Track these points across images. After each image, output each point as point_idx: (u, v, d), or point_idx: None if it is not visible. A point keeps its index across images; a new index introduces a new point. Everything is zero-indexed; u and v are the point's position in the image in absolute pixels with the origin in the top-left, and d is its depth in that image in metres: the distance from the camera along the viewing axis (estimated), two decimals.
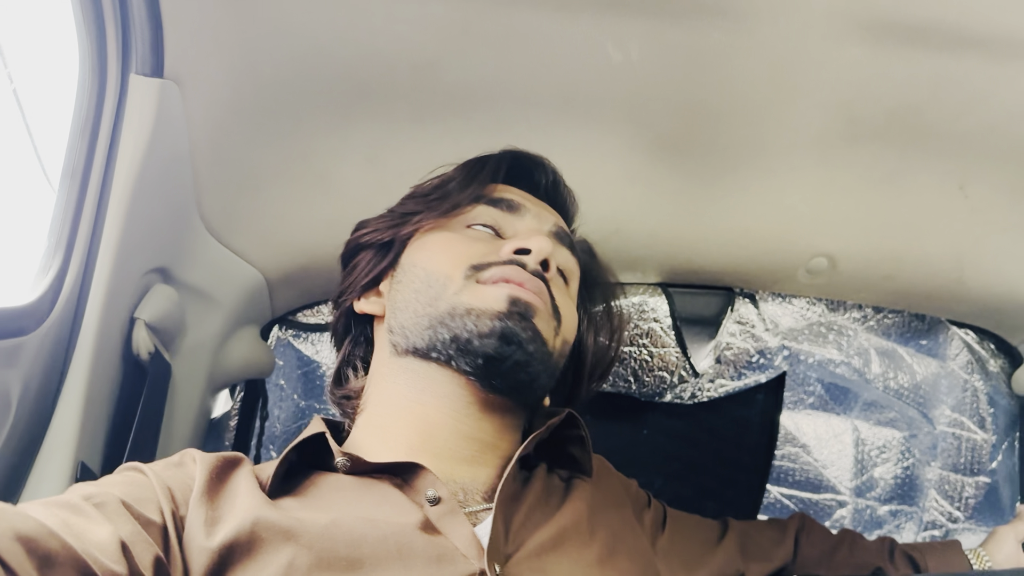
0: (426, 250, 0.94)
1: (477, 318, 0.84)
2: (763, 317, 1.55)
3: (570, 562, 0.79)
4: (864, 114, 1.16)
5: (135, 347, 1.04)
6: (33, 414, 0.91)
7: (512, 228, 0.98)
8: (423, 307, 0.88)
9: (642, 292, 1.52)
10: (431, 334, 0.86)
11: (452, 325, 0.85)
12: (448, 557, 0.73)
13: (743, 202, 1.32)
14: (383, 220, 1.01)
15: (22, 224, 1.07)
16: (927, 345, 1.60)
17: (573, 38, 1.07)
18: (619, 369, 1.54)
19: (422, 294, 0.89)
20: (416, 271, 0.92)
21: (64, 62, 0.96)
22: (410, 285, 0.92)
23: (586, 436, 0.93)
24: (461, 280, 0.88)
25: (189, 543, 0.71)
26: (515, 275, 0.88)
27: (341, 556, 0.71)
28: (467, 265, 0.89)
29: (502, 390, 0.87)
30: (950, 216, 1.32)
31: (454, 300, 0.87)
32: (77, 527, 0.64)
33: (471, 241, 0.94)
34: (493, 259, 0.90)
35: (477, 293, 0.87)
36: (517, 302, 0.86)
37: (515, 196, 1.01)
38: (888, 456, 1.63)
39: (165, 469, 0.77)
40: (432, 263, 0.91)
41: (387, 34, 1.06)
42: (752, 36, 1.05)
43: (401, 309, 0.91)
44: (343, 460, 0.82)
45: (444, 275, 0.89)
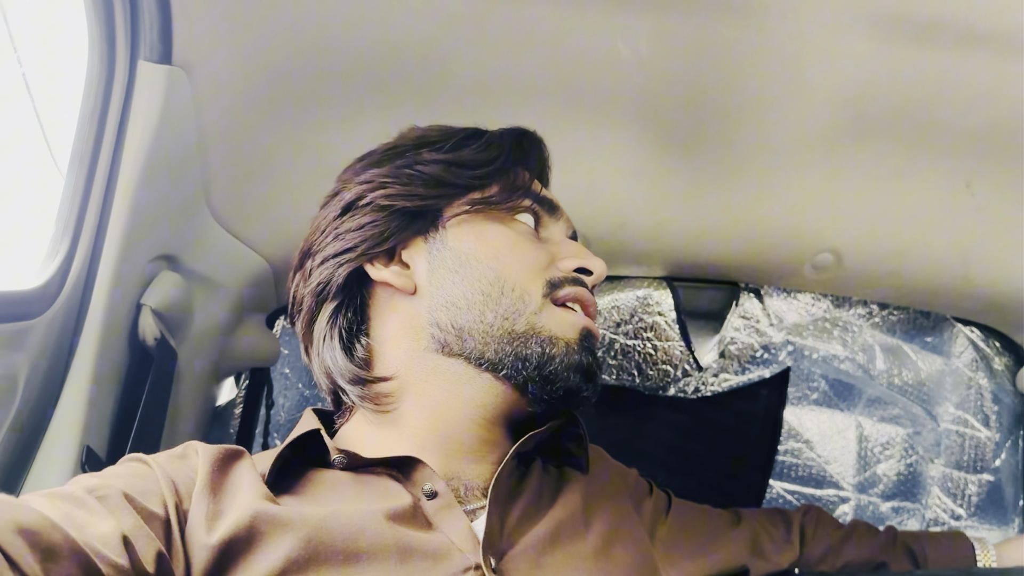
0: (491, 241, 0.87)
1: (564, 350, 0.83)
2: (768, 312, 1.55)
3: (566, 555, 0.79)
4: (871, 110, 1.16)
5: (141, 333, 1.05)
6: (39, 398, 0.92)
7: (547, 229, 0.95)
8: (497, 318, 0.83)
9: (647, 286, 1.52)
10: (508, 350, 0.83)
11: (535, 350, 0.82)
12: (444, 551, 0.73)
13: (749, 197, 1.32)
14: (404, 182, 0.88)
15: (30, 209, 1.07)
16: (932, 342, 1.60)
17: (582, 32, 1.07)
18: (623, 362, 1.54)
19: (495, 302, 0.84)
20: (481, 268, 0.85)
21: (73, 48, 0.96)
22: (474, 284, 0.85)
23: (584, 435, 0.92)
24: (540, 298, 0.85)
25: (191, 537, 0.71)
26: (584, 297, 0.88)
27: (339, 549, 0.71)
28: (544, 280, 0.86)
29: (552, 407, 0.86)
30: (956, 213, 1.32)
31: (535, 321, 0.83)
32: (79, 520, 0.64)
33: (534, 244, 0.90)
34: (561, 275, 0.88)
35: (556, 318, 0.85)
36: (589, 336, 0.86)
37: (550, 195, 0.97)
38: (891, 453, 1.63)
39: (169, 461, 0.76)
40: (504, 266, 0.85)
41: (397, 26, 1.06)
42: (761, 32, 1.05)
43: (462, 308, 0.84)
44: (340, 457, 0.81)
45: (521, 287, 0.84)
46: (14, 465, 0.89)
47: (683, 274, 1.52)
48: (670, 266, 1.50)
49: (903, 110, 1.15)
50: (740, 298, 1.54)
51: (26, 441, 0.91)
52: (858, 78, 1.11)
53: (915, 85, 1.11)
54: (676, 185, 1.31)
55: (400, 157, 0.91)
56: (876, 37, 1.04)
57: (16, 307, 0.86)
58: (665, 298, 1.52)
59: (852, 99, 1.14)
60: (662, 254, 1.46)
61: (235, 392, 1.48)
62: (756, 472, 1.63)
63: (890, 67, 1.09)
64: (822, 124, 1.18)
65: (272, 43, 1.07)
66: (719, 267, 1.49)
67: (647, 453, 1.61)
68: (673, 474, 1.59)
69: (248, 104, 1.12)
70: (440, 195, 0.89)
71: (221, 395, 1.45)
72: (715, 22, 1.04)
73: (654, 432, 1.62)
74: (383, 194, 0.88)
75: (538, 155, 0.99)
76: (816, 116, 1.17)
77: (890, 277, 1.47)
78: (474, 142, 0.92)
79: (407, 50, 1.09)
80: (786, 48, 1.07)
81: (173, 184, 1.07)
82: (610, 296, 1.53)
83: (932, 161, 1.24)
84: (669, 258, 1.47)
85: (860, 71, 1.10)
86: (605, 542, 0.83)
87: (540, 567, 0.77)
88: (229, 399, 1.47)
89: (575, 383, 0.83)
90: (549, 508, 0.84)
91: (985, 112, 1.14)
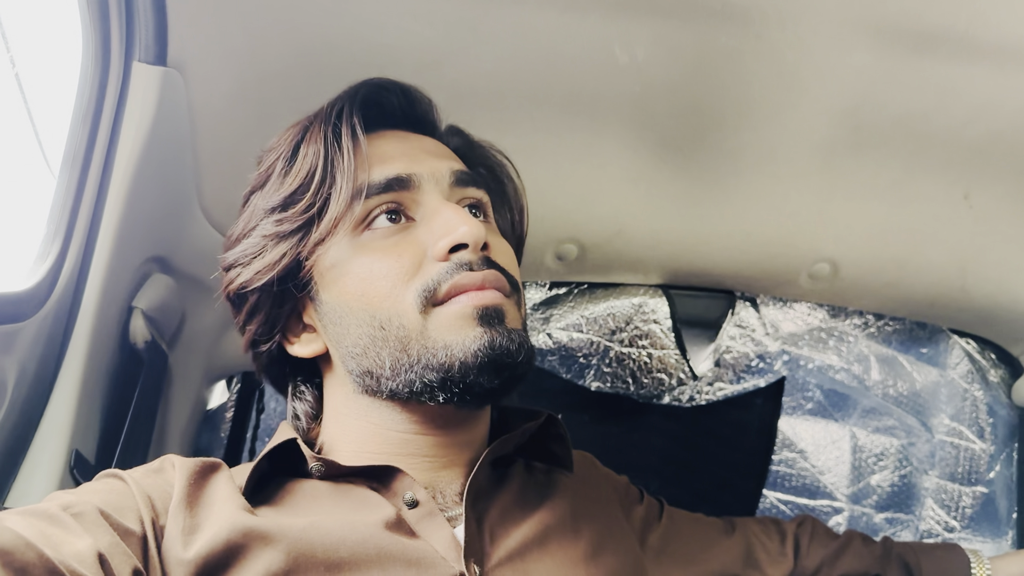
0: (352, 283, 0.81)
1: (463, 352, 0.76)
2: (764, 321, 1.54)
3: (554, 561, 0.78)
4: (870, 121, 1.16)
5: (132, 336, 1.04)
6: (28, 401, 0.91)
7: (415, 204, 0.84)
8: (392, 353, 0.79)
9: (643, 293, 1.52)
10: (413, 379, 0.78)
11: (435, 367, 0.77)
12: (428, 560, 0.73)
13: (747, 206, 1.32)
14: (263, 250, 0.83)
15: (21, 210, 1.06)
16: (928, 353, 1.60)
17: (580, 38, 1.06)
18: (618, 370, 1.54)
19: (383, 340, 0.79)
20: (357, 312, 0.81)
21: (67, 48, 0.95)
22: (359, 329, 0.81)
23: (565, 435, 0.90)
24: (417, 315, 0.78)
25: (167, 553, 0.70)
26: (467, 283, 0.78)
27: (319, 560, 0.70)
28: (414, 294, 0.79)
29: (498, 403, 0.85)
30: (954, 225, 1.32)
31: (424, 340, 0.77)
32: (55, 538, 0.62)
33: (391, 252, 0.81)
34: (434, 272, 0.79)
35: (444, 323, 0.78)
36: (487, 313, 0.78)
37: (394, 163, 0.84)
38: (886, 464, 1.62)
39: (145, 476, 0.75)
40: (372, 301, 0.80)
41: (393, 29, 1.06)
42: (759, 40, 1.04)
43: (361, 355, 0.81)
44: (317, 465, 0.79)
45: (396, 314, 0.79)
46: (2, 469, 0.89)
47: (679, 282, 1.52)
48: (666, 274, 1.49)
49: (902, 121, 1.15)
50: (736, 307, 1.53)
51: (14, 445, 0.90)
52: (857, 88, 1.11)
53: (914, 96, 1.11)
54: (673, 193, 1.31)
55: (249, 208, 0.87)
56: (875, 48, 1.04)
57: (5, 308, 0.86)
58: (661, 306, 1.52)
59: (851, 109, 1.14)
60: (658, 262, 1.46)
61: (226, 396, 1.47)
62: (750, 482, 1.63)
63: (889, 78, 1.09)
64: (820, 134, 1.18)
65: (267, 45, 1.06)
66: (715, 276, 1.49)
67: (641, 461, 1.61)
68: (666, 483, 1.59)
69: (242, 106, 1.11)
70: (288, 251, 0.83)
71: (212, 399, 1.44)
72: (714, 30, 1.04)
73: (648, 440, 1.62)
74: (245, 278, 0.84)
75: (377, 110, 0.89)
76: (814, 126, 1.17)
77: (887, 288, 1.47)
78: (295, 159, 0.84)
79: (402, 53, 1.09)
80: (785, 57, 1.07)
81: (166, 186, 1.06)
82: (606, 303, 1.52)
83: (930, 172, 1.24)
84: (665, 266, 1.47)
85: (859, 81, 1.10)
86: (595, 548, 0.82)
87: (528, 573, 0.76)
88: (220, 403, 1.46)
89: (490, 382, 0.77)
90: (534, 511, 0.82)
91: (984, 124, 1.14)
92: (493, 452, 0.83)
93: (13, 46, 0.99)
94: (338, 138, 0.83)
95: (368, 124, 0.86)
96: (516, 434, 0.86)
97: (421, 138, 0.91)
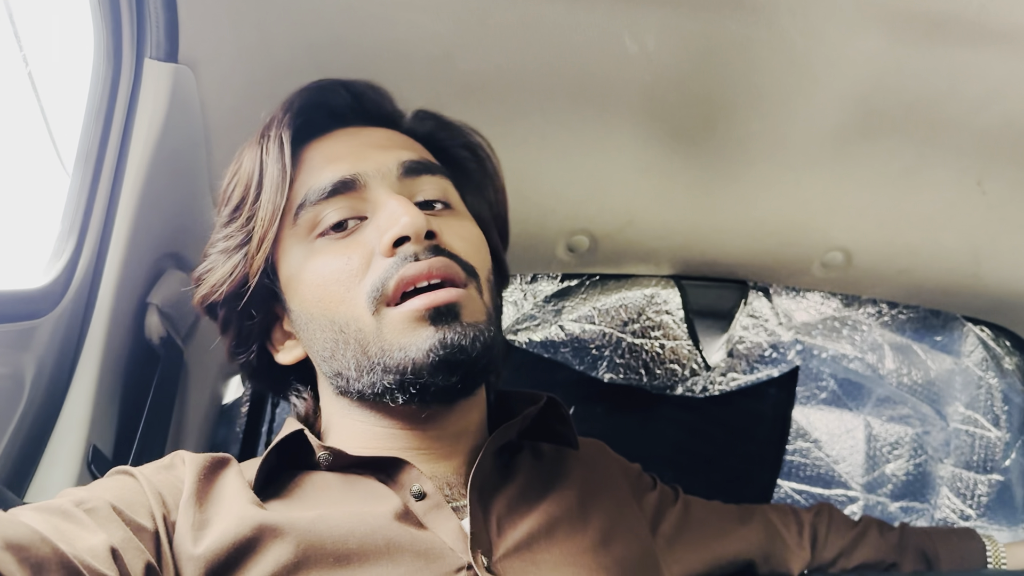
0: (308, 290, 0.82)
1: (417, 353, 0.76)
2: (777, 311, 1.54)
3: (562, 550, 0.78)
4: (882, 108, 1.15)
5: (147, 332, 1.05)
6: (46, 397, 0.92)
7: (364, 202, 0.83)
8: (357, 354, 0.80)
9: (655, 284, 1.52)
10: (372, 379, 0.79)
11: (392, 368, 0.77)
12: (436, 551, 0.73)
13: (758, 195, 1.31)
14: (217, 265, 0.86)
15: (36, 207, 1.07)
16: (942, 341, 1.59)
17: (589, 29, 1.06)
18: (631, 361, 1.54)
19: (344, 343, 0.80)
20: (318, 319, 0.82)
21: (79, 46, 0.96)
22: (324, 334, 0.82)
23: (567, 414, 0.90)
24: (370, 317, 0.78)
25: (179, 548, 0.70)
26: (415, 272, 0.78)
27: (328, 552, 0.70)
28: (365, 295, 0.79)
29: (463, 398, 0.83)
30: (967, 211, 1.31)
31: (380, 342, 0.78)
32: (68, 533, 0.63)
33: (341, 254, 0.81)
34: (381, 270, 0.79)
35: (397, 325, 0.78)
36: (439, 311, 0.77)
37: (338, 165, 0.84)
38: (900, 452, 1.62)
39: (155, 473, 0.76)
40: (327, 307, 0.81)
41: (403, 23, 1.06)
42: (770, 28, 1.04)
43: (329, 358, 0.82)
44: (325, 455, 0.79)
45: (352, 318, 0.79)
46: (21, 464, 0.89)
47: (691, 272, 1.52)
48: (678, 264, 1.49)
49: (914, 107, 1.15)
50: (749, 297, 1.53)
51: (33, 440, 0.91)
52: (868, 75, 1.10)
53: (926, 82, 1.11)
54: (684, 183, 1.30)
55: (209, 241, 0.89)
56: (887, 34, 1.04)
57: (22, 306, 0.86)
58: (673, 297, 1.52)
59: (862, 96, 1.14)
60: (670, 252, 1.46)
61: (241, 390, 1.48)
62: (764, 472, 1.62)
63: (900, 64, 1.08)
64: (832, 122, 1.18)
65: (278, 41, 1.06)
66: (727, 265, 1.48)
67: (654, 452, 1.61)
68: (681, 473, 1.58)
69: (254, 101, 1.11)
70: (240, 263, 0.84)
71: (227, 393, 1.45)
72: (724, 18, 1.04)
73: (661, 431, 1.62)
74: (215, 295, 0.86)
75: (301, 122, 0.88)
76: (826, 114, 1.16)
77: (900, 275, 1.46)
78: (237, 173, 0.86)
79: (412, 47, 1.09)
80: (796, 45, 1.06)
81: (179, 182, 1.07)
82: (618, 295, 1.52)
83: (943, 159, 1.23)
84: (677, 256, 1.47)
85: (870, 68, 1.09)
86: (604, 536, 0.82)
87: (536, 563, 0.76)
88: (235, 397, 1.47)
89: (445, 380, 0.77)
90: (542, 500, 0.82)
91: (997, 109, 1.13)
92: (495, 441, 0.83)
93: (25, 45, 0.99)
94: (267, 150, 0.84)
95: (315, 127, 0.89)
96: (517, 421, 0.86)
97: (372, 131, 0.91)
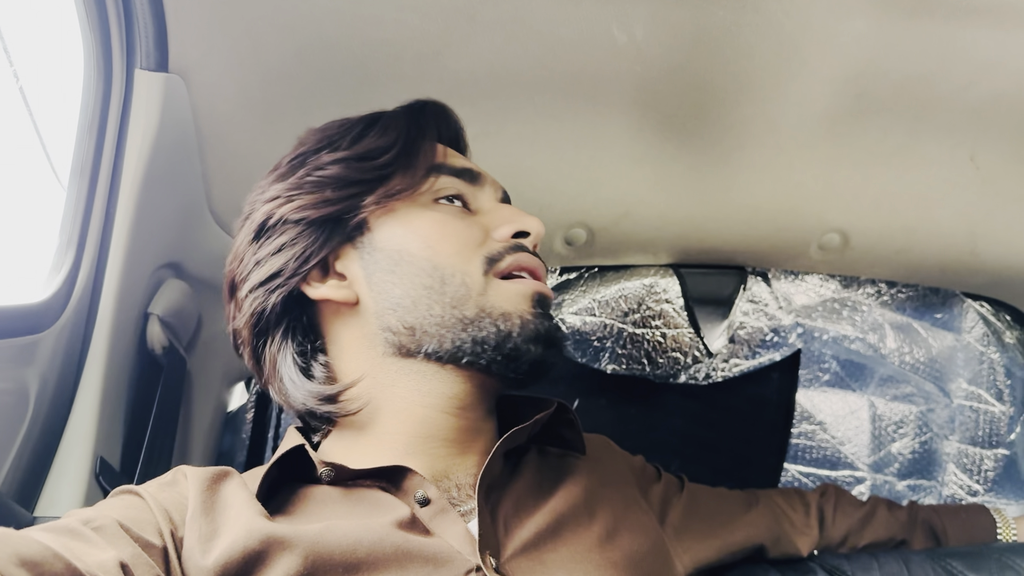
0: (421, 233, 0.84)
1: (520, 324, 0.81)
2: (776, 295, 1.54)
3: (569, 548, 0.78)
4: (872, 88, 1.15)
5: (150, 342, 1.05)
6: (51, 410, 0.92)
7: (476, 200, 0.91)
8: (445, 309, 0.81)
9: (653, 274, 1.52)
10: (464, 338, 0.81)
11: (490, 331, 0.81)
12: (444, 556, 0.73)
13: (753, 180, 1.31)
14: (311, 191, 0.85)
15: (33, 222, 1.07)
16: (942, 318, 1.60)
17: (577, 22, 1.06)
18: (633, 351, 1.54)
19: (439, 293, 0.82)
20: (417, 263, 0.83)
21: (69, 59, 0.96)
22: (414, 280, 0.83)
23: (575, 420, 0.91)
24: (481, 277, 0.83)
25: (188, 562, 0.71)
26: (528, 262, 0.86)
27: (337, 562, 0.70)
28: (482, 258, 0.84)
29: (524, 383, 0.85)
30: (961, 187, 1.32)
31: (483, 302, 0.82)
32: (78, 550, 0.63)
33: (464, 222, 0.86)
34: (499, 246, 0.85)
35: (504, 292, 0.83)
36: (541, 299, 0.84)
37: (467, 163, 0.93)
38: (905, 431, 1.62)
39: (160, 490, 0.76)
40: (438, 255, 0.83)
41: (391, 23, 1.06)
42: (757, 12, 1.04)
43: (408, 308, 0.82)
44: (327, 471, 0.80)
45: (460, 271, 0.82)
46: (29, 479, 0.89)
47: (689, 260, 1.52)
48: (676, 253, 1.49)
49: (904, 86, 1.15)
50: (747, 282, 1.54)
51: (40, 454, 0.91)
52: (857, 56, 1.10)
53: (915, 60, 1.11)
54: (678, 171, 1.30)
55: (303, 166, 0.87)
56: (873, 13, 1.04)
57: (24, 321, 0.86)
58: (672, 285, 1.52)
59: (852, 77, 1.14)
60: (667, 241, 1.46)
61: (246, 397, 1.48)
62: (770, 456, 1.63)
63: (889, 43, 1.08)
64: (823, 103, 1.18)
65: (267, 46, 1.06)
66: (725, 252, 1.49)
67: (660, 441, 1.61)
68: (687, 461, 1.59)
69: (246, 108, 1.12)
70: (351, 195, 0.85)
71: (232, 401, 1.45)
72: (711, 4, 1.04)
73: (666, 420, 1.62)
74: (291, 208, 0.84)
75: (445, 123, 0.96)
76: (816, 96, 1.17)
77: (897, 255, 1.46)
78: (372, 130, 0.89)
79: (401, 47, 1.09)
80: (783, 28, 1.06)
81: (175, 191, 1.07)
82: (617, 286, 1.52)
83: (935, 136, 1.23)
84: (675, 245, 1.47)
85: (859, 48, 1.09)
86: (610, 531, 0.83)
87: (543, 562, 0.76)
88: (240, 404, 1.47)
89: (537, 354, 0.82)
90: (548, 499, 0.83)
91: (986, 85, 1.14)
92: (507, 443, 0.84)
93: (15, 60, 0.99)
94: (421, 125, 0.91)
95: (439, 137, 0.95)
96: (529, 425, 0.86)
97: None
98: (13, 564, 0.57)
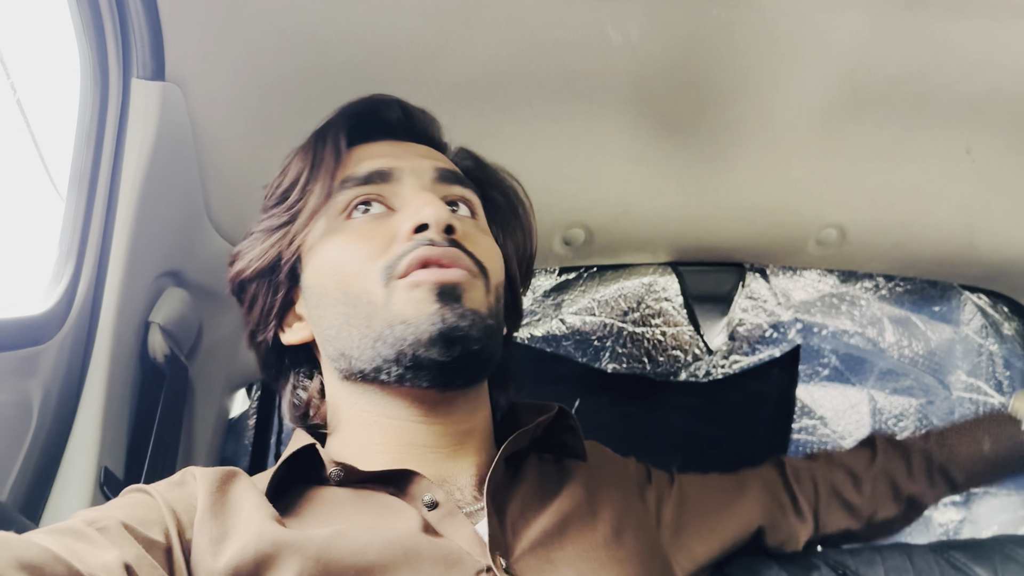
0: (328, 264, 0.85)
1: (416, 326, 0.78)
2: (775, 291, 1.55)
3: (576, 547, 0.79)
4: (867, 82, 1.16)
5: (151, 351, 1.05)
6: (55, 421, 0.92)
7: (395, 195, 0.88)
8: (361, 330, 0.82)
9: (652, 272, 1.52)
10: (372, 355, 0.80)
11: (392, 341, 0.79)
12: (455, 557, 0.73)
13: (750, 177, 1.32)
14: (255, 243, 0.91)
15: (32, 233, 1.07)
16: (940, 311, 1.60)
17: (572, 22, 1.06)
18: (633, 350, 1.54)
19: (353, 316, 0.82)
20: (332, 292, 0.84)
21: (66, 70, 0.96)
22: (333, 308, 0.84)
23: (576, 426, 0.91)
24: (381, 288, 0.81)
25: (197, 564, 0.70)
26: (428, 254, 0.81)
27: (348, 565, 0.70)
28: (379, 269, 0.82)
29: (461, 385, 0.84)
30: (958, 180, 1.32)
31: (387, 314, 0.80)
32: (81, 552, 0.63)
33: (364, 235, 0.85)
34: (398, 249, 0.82)
35: (403, 296, 0.80)
36: (444, 289, 0.79)
37: (378, 160, 0.90)
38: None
39: (169, 490, 0.76)
40: (344, 279, 0.83)
41: (386, 27, 1.06)
42: (752, 9, 1.04)
43: (334, 337, 0.84)
44: (336, 470, 0.80)
45: (363, 289, 0.82)
46: (34, 490, 0.89)
47: (688, 258, 1.52)
48: (674, 251, 1.49)
49: (899, 80, 1.15)
50: (746, 279, 1.54)
51: (44, 465, 0.91)
52: (852, 50, 1.11)
53: (910, 54, 1.11)
54: (675, 169, 1.31)
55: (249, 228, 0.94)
56: (868, 8, 1.04)
57: (25, 333, 0.86)
58: (671, 283, 1.52)
59: (847, 72, 1.14)
60: (665, 240, 1.46)
61: (248, 403, 1.48)
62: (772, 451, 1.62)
63: (884, 38, 1.09)
64: (819, 99, 1.18)
65: (263, 53, 1.06)
66: (723, 249, 1.49)
67: (661, 439, 1.61)
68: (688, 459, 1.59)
69: (243, 115, 1.12)
70: (279, 239, 0.89)
71: (234, 407, 1.45)
72: (706, 2, 1.04)
73: (667, 418, 1.62)
74: (244, 265, 0.91)
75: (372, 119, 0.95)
76: (812, 91, 1.17)
77: (895, 249, 1.47)
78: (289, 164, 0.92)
79: (397, 51, 1.09)
80: (778, 25, 1.07)
81: (173, 199, 1.07)
82: (616, 285, 1.53)
83: (931, 129, 1.24)
84: (673, 243, 1.47)
85: (854, 43, 1.10)
86: (615, 530, 0.83)
87: (551, 562, 0.77)
88: (242, 411, 1.47)
89: (440, 355, 0.78)
90: (552, 501, 0.83)
91: (981, 78, 1.14)
92: (509, 447, 0.84)
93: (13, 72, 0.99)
94: (323, 143, 0.90)
95: (364, 134, 0.94)
96: (531, 429, 0.87)
97: (416, 144, 0.96)
98: (13, 568, 0.57)
